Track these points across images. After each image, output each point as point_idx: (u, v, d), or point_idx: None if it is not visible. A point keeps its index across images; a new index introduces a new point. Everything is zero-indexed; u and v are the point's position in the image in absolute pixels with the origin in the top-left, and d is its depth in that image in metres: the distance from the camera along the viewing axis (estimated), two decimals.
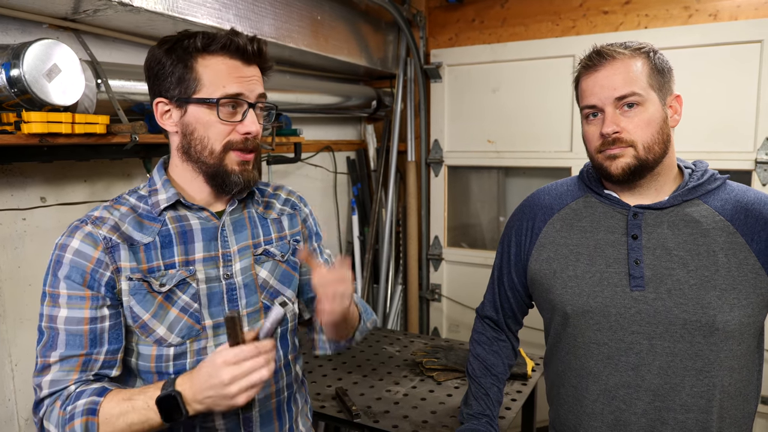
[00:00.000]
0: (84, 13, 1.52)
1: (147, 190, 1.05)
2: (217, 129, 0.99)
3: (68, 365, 0.93)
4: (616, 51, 1.07)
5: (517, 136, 2.69)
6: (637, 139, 1.05)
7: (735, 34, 2.20)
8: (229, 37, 0.98)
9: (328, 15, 2.31)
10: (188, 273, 1.00)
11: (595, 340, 1.11)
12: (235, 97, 0.99)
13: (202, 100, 0.98)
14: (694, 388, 1.04)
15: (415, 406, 1.55)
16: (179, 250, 1.01)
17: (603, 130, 1.07)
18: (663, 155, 1.08)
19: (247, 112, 1.00)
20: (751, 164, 2.23)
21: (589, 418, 1.13)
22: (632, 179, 1.08)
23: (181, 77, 0.99)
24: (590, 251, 1.13)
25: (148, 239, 0.99)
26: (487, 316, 1.35)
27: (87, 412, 0.88)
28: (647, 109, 1.06)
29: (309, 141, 2.71)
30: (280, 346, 1.11)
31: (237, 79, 0.99)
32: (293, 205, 1.21)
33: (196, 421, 1.01)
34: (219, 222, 1.06)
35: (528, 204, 1.27)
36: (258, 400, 1.06)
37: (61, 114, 1.33)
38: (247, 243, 1.08)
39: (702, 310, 1.03)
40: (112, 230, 0.97)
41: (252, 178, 1.04)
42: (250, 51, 1.00)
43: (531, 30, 2.64)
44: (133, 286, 0.96)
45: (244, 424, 1.04)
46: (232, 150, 1.01)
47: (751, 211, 1.06)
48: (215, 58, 0.99)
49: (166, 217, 1.02)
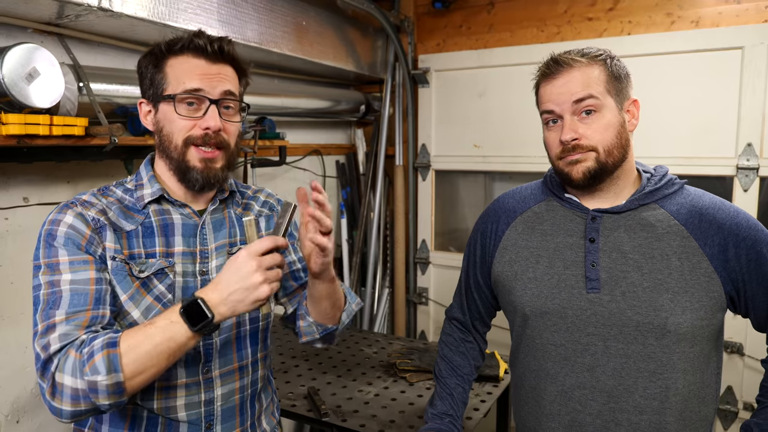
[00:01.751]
0: (67, 18, 1.56)
1: (133, 184, 1.10)
2: (179, 124, 1.04)
3: (76, 321, 0.91)
4: (572, 59, 1.09)
5: (502, 140, 2.71)
6: (597, 144, 1.07)
7: (716, 41, 2.22)
8: (191, 38, 1.04)
9: (313, 20, 2.35)
10: (167, 264, 1.04)
11: (552, 342, 1.13)
12: (194, 92, 1.02)
13: (167, 96, 1.03)
14: (647, 389, 1.06)
15: (384, 406, 1.57)
16: (160, 241, 1.05)
17: (562, 138, 1.08)
18: (622, 159, 1.10)
19: (208, 108, 1.03)
20: (732, 170, 2.24)
21: (547, 419, 1.14)
22: (593, 183, 1.10)
23: (152, 78, 1.06)
24: (550, 254, 1.15)
25: (131, 227, 1.04)
26: (455, 317, 1.37)
27: (107, 346, 0.86)
28: (604, 115, 1.08)
29: (297, 145, 2.74)
30: (249, 344, 1.13)
31: (198, 75, 1.03)
32: (271, 207, 1.25)
33: (160, 414, 1.04)
34: (200, 220, 1.10)
35: (493, 207, 1.29)
36: (221, 395, 1.08)
37: (39, 116, 1.37)
38: (225, 242, 1.12)
39: (654, 313, 1.04)
40: (100, 213, 1.02)
41: (214, 175, 1.06)
42: (210, 50, 1.04)
43: (517, 36, 2.66)
44: (115, 267, 1.00)
45: (206, 418, 1.07)
46: (193, 145, 1.04)
47: (705, 216, 1.08)
48: (179, 58, 1.05)
49: (150, 210, 1.07)
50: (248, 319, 1.13)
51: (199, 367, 1.05)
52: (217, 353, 1.07)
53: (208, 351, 1.06)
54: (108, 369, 0.85)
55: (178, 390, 1.04)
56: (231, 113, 1.08)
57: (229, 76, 1.07)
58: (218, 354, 1.07)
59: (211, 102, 1.04)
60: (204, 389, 1.06)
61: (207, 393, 1.06)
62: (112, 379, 0.86)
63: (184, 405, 1.04)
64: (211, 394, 1.07)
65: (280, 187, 2.69)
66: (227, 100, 1.06)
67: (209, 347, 1.06)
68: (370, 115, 3.02)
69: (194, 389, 1.05)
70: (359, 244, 2.94)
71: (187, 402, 1.05)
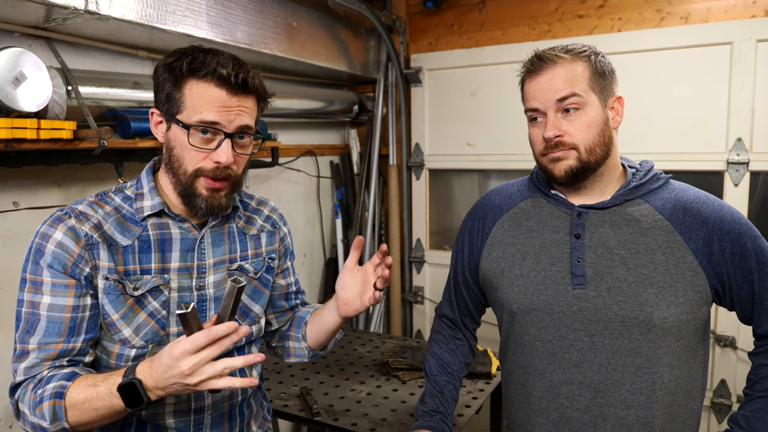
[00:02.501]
0: (54, 22, 1.56)
1: (133, 191, 1.07)
2: (190, 153, 1.00)
3: (45, 353, 0.96)
4: (556, 56, 1.10)
5: (495, 139, 2.71)
6: (579, 142, 1.08)
7: (706, 37, 2.23)
8: (216, 66, 0.98)
9: (304, 21, 2.35)
10: (162, 281, 1.03)
11: (539, 338, 1.13)
12: (211, 124, 0.99)
13: (180, 122, 1.00)
14: (634, 384, 1.06)
15: (376, 405, 1.57)
16: (156, 257, 1.03)
17: (545, 135, 1.09)
18: (605, 157, 1.11)
19: (222, 142, 1.00)
20: (723, 165, 2.24)
21: (535, 414, 1.15)
22: (575, 181, 1.11)
23: (169, 94, 1.01)
24: (536, 250, 1.16)
25: (127, 242, 1.02)
26: (445, 315, 1.37)
27: (55, 396, 0.91)
28: (587, 112, 1.08)
29: (290, 146, 2.74)
30: (239, 354, 1.13)
31: (217, 108, 0.98)
32: (274, 224, 1.24)
33: (148, 420, 1.04)
34: (199, 234, 1.08)
35: (480, 204, 1.30)
36: (212, 403, 1.08)
37: (26, 120, 1.37)
38: (224, 258, 1.11)
39: (639, 308, 1.05)
40: (94, 228, 1.00)
41: (218, 204, 1.04)
42: (232, 82, 0.98)
43: (508, 34, 2.67)
44: (108, 286, 0.99)
45: (194, 425, 1.07)
46: (203, 176, 1.01)
47: (689, 210, 1.08)
48: (201, 84, 0.99)
49: (148, 223, 1.04)
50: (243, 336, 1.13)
51: None
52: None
53: None
54: (52, 419, 0.91)
55: (167, 397, 1.03)
56: (245, 143, 1.05)
57: (248, 108, 1.03)
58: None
59: (226, 136, 1.00)
60: (194, 397, 1.06)
61: (197, 401, 1.07)
62: (56, 427, 0.91)
63: (172, 412, 1.05)
64: (202, 402, 1.07)
65: (274, 189, 2.69)
66: (243, 133, 1.03)
67: None
68: (364, 115, 3.03)
69: (184, 397, 1.05)
70: None
71: (176, 409, 1.05)
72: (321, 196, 3.03)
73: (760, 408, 1.09)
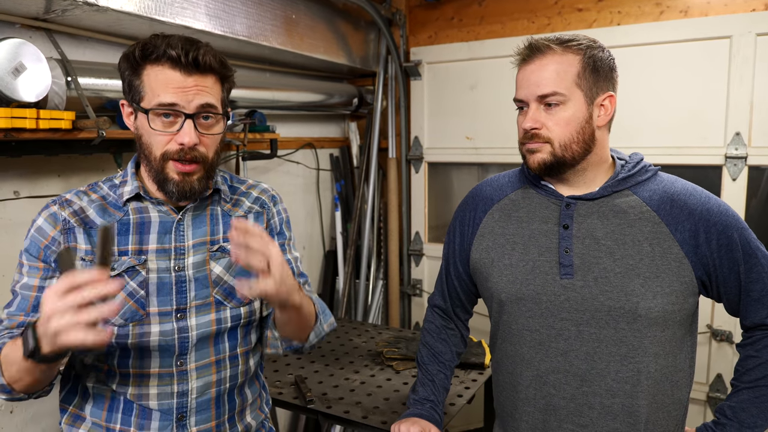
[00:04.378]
0: (54, 13, 1.57)
1: (120, 179, 1.13)
2: (156, 138, 1.02)
3: (8, 323, 1.03)
4: (547, 45, 1.10)
5: (494, 132, 2.72)
6: (554, 137, 1.08)
7: (705, 30, 2.22)
8: (165, 48, 0.99)
9: (303, 14, 2.35)
10: (137, 261, 1.05)
11: (527, 327, 1.15)
12: (169, 106, 1.00)
13: (142, 109, 1.02)
14: (619, 373, 1.08)
15: (369, 393, 1.60)
16: (134, 239, 1.07)
17: (523, 126, 1.11)
18: (584, 154, 1.10)
19: (184, 123, 1.01)
20: (721, 159, 2.24)
21: (523, 403, 1.16)
22: (551, 173, 1.13)
23: (130, 83, 1.04)
24: (525, 240, 1.17)
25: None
26: (437, 305, 1.39)
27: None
28: (567, 108, 1.08)
29: (290, 138, 2.76)
30: (228, 338, 1.12)
31: (174, 89, 1.00)
32: (263, 204, 1.22)
33: (134, 401, 1.06)
34: (176, 216, 1.10)
35: (471, 195, 1.31)
36: (196, 387, 1.08)
37: (25, 110, 1.39)
38: (204, 239, 1.12)
39: (626, 298, 1.06)
40: (73, 214, 1.06)
41: (190, 188, 1.05)
42: (183, 61, 0.99)
43: (508, 28, 2.67)
44: (84, 267, 1.02)
45: (178, 409, 1.07)
46: (171, 160, 1.03)
47: (676, 202, 1.09)
48: (156, 68, 1.01)
49: (129, 208, 1.09)
50: (229, 317, 1.12)
51: (173, 359, 1.06)
52: (193, 347, 1.07)
53: (183, 344, 1.06)
54: None
55: (151, 379, 1.05)
56: (210, 124, 1.05)
57: (207, 87, 1.03)
58: (194, 348, 1.07)
59: (187, 117, 1.01)
60: (177, 381, 1.06)
61: (180, 385, 1.07)
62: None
63: (156, 394, 1.06)
64: (185, 386, 1.07)
65: (274, 181, 2.71)
66: (205, 113, 1.03)
67: (185, 340, 1.06)
68: (364, 108, 3.04)
69: (167, 380, 1.06)
70: (353, 236, 2.96)
71: (159, 392, 1.06)
72: (320, 188, 3.05)
73: (746, 399, 1.11)
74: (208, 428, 1.10)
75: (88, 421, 1.08)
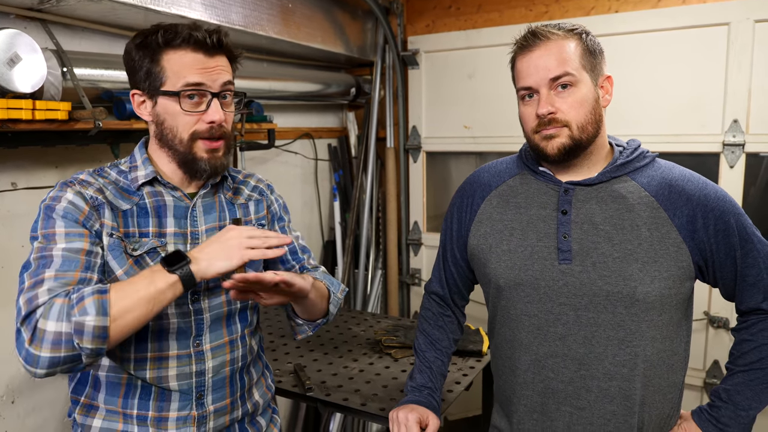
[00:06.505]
0: (48, 3, 1.56)
1: (127, 165, 1.14)
2: (183, 119, 1.07)
3: (64, 280, 0.93)
4: (549, 32, 1.10)
5: (492, 121, 2.71)
6: (571, 119, 1.08)
7: (703, 18, 2.21)
8: (189, 32, 1.05)
9: (300, 3, 2.34)
10: (159, 243, 1.09)
11: (526, 312, 1.15)
12: (196, 86, 1.06)
13: (167, 92, 1.06)
14: (617, 357, 1.09)
15: (368, 381, 1.61)
16: (153, 222, 1.10)
17: (538, 111, 1.10)
18: (596, 134, 1.12)
19: (211, 102, 1.07)
20: (718, 146, 2.25)
21: (521, 387, 1.17)
22: (567, 159, 1.12)
23: (149, 71, 1.07)
24: (523, 226, 1.17)
25: (126, 206, 1.08)
26: (434, 291, 1.39)
27: (98, 292, 0.90)
28: (580, 89, 1.09)
29: (287, 128, 2.75)
30: (239, 319, 1.18)
31: (199, 70, 1.06)
32: (261, 192, 1.29)
33: (153, 384, 1.08)
34: (191, 202, 1.14)
35: (469, 182, 1.31)
36: (212, 367, 1.13)
37: (21, 101, 1.38)
38: (215, 225, 1.16)
39: (623, 282, 1.07)
40: (97, 191, 1.07)
41: (220, 164, 1.12)
42: (209, 43, 1.06)
43: (505, 16, 2.65)
44: (111, 243, 1.04)
45: (197, 388, 1.11)
46: (200, 139, 1.09)
47: (674, 187, 1.10)
48: (178, 52, 1.06)
49: (144, 192, 1.11)
50: None
51: (190, 340, 1.10)
52: (207, 328, 1.13)
53: (199, 326, 1.12)
54: (97, 311, 0.88)
55: (170, 361, 1.09)
56: (229, 102, 1.13)
57: (225, 67, 1.11)
58: (209, 329, 1.13)
59: (213, 95, 1.07)
60: (195, 361, 1.11)
61: (198, 365, 1.11)
62: (100, 322, 0.88)
63: (175, 375, 1.09)
64: (203, 365, 1.12)
65: (272, 171, 2.70)
66: (228, 91, 1.11)
67: (200, 322, 1.12)
68: (361, 98, 3.03)
69: (185, 360, 1.10)
70: (352, 226, 2.96)
71: (178, 372, 1.09)
72: (319, 178, 3.04)
73: (740, 382, 1.12)
74: (223, 405, 1.15)
75: (102, 410, 1.10)
